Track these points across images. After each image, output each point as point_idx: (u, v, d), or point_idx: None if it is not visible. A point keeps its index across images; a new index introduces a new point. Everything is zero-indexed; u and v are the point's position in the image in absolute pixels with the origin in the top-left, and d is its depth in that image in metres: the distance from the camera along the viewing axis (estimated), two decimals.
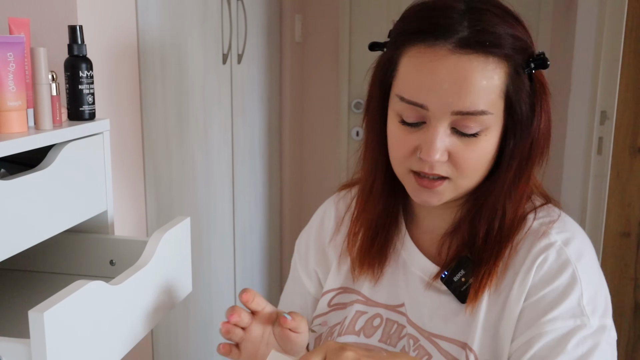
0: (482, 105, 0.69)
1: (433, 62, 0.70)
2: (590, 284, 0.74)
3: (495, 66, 0.70)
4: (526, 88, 0.73)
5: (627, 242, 2.25)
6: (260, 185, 2.18)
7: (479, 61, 0.69)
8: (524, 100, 0.72)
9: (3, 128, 0.82)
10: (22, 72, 0.84)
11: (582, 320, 0.71)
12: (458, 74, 0.69)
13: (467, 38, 0.69)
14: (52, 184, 0.86)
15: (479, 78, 0.69)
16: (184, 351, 1.64)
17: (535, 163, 0.76)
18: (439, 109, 0.70)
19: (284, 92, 2.38)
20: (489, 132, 0.72)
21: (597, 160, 2.22)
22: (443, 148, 0.71)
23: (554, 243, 0.75)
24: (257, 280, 2.21)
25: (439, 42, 0.69)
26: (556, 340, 0.70)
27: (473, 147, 0.72)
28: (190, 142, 1.61)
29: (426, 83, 0.70)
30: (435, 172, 0.73)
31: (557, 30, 2.34)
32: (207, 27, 1.66)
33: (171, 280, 0.94)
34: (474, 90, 0.69)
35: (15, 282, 1.02)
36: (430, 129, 0.71)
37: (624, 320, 2.29)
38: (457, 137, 0.72)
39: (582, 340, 0.70)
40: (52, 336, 0.63)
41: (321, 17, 2.55)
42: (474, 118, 0.70)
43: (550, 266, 0.74)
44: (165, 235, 0.91)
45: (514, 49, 0.70)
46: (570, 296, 0.72)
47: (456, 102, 0.69)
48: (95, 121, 0.98)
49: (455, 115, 0.70)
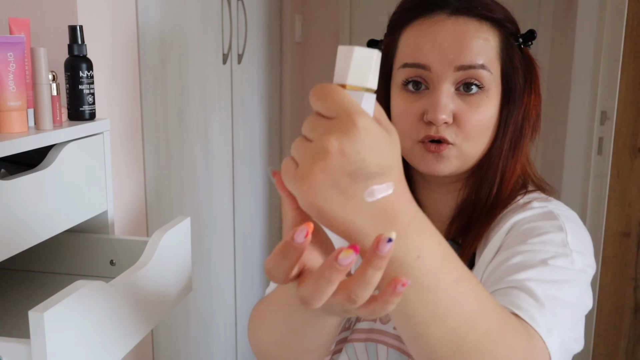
0: (480, 59, 0.74)
1: (432, 27, 0.75)
2: (578, 243, 0.72)
3: (489, 29, 0.75)
4: (518, 58, 0.78)
5: (627, 242, 2.25)
6: (260, 185, 2.18)
7: (474, 23, 0.75)
8: (516, 69, 0.77)
9: (3, 128, 0.82)
10: (23, 72, 0.84)
11: (566, 252, 0.70)
12: (457, 33, 0.74)
13: (460, 6, 0.75)
14: (52, 184, 0.86)
15: (476, 37, 0.74)
16: (184, 351, 1.64)
17: (527, 136, 0.80)
18: (441, 67, 0.73)
19: (284, 92, 2.38)
20: (489, 94, 0.75)
21: (597, 160, 2.21)
22: (449, 107, 0.74)
23: (535, 206, 0.78)
24: (257, 280, 2.21)
25: (435, 12, 0.76)
26: (538, 260, 0.68)
27: (475, 109, 0.75)
28: (191, 142, 1.61)
29: (427, 45, 0.74)
30: (440, 135, 0.74)
31: (557, 30, 2.34)
32: (207, 27, 1.66)
33: (171, 281, 0.94)
34: (473, 46, 0.74)
35: (15, 282, 1.02)
36: (435, 91, 0.74)
37: (624, 320, 2.29)
38: (460, 98, 0.75)
39: (567, 266, 0.68)
40: (52, 336, 0.63)
41: (321, 17, 2.55)
42: (475, 73, 0.74)
43: (535, 215, 0.76)
44: (165, 235, 0.91)
45: (504, 17, 0.77)
46: (556, 234, 0.72)
47: (457, 57, 0.73)
48: (96, 121, 0.98)
49: (458, 71, 0.73)
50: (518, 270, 0.67)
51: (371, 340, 0.84)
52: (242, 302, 2.07)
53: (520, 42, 0.79)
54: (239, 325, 2.05)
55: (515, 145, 0.79)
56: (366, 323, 0.85)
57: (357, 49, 0.43)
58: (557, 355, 0.61)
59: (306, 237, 0.41)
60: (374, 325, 0.84)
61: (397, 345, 0.83)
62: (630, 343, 2.31)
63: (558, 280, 0.67)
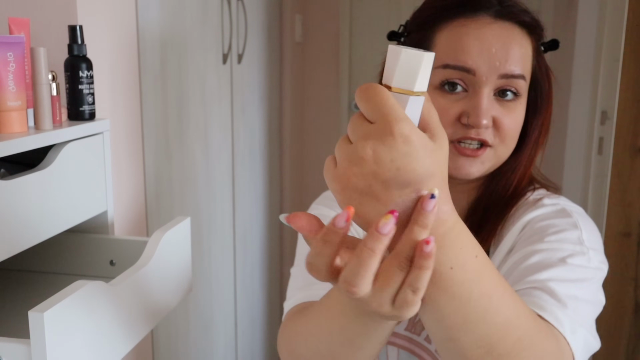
0: (523, 69, 0.75)
1: (479, 30, 0.74)
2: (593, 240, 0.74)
3: (527, 36, 0.76)
4: (544, 65, 0.80)
5: (628, 242, 2.25)
6: (260, 185, 2.18)
7: (516, 31, 0.75)
8: (543, 74, 0.80)
9: (3, 128, 0.82)
10: (22, 72, 0.84)
11: (583, 249, 0.71)
12: (504, 39, 0.74)
13: (502, 10, 0.75)
14: (52, 184, 0.86)
15: (519, 45, 0.74)
16: (184, 351, 1.64)
17: (542, 143, 0.82)
18: (486, 73, 0.73)
19: (284, 92, 2.38)
20: (522, 100, 0.76)
21: (597, 160, 2.21)
22: (490, 113, 0.74)
23: (547, 204, 0.79)
24: (257, 280, 2.21)
25: (480, 13, 0.75)
26: (557, 259, 0.69)
27: (512, 114, 0.75)
28: (190, 142, 1.61)
29: (475, 48, 0.74)
30: (481, 137, 0.75)
31: (557, 30, 2.34)
32: (207, 27, 1.66)
33: (171, 280, 0.94)
34: (517, 55, 0.74)
35: (15, 282, 1.02)
36: (477, 94, 0.74)
37: (624, 320, 2.29)
38: (498, 103, 0.75)
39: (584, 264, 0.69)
40: (52, 336, 0.63)
41: (321, 17, 2.55)
42: (515, 82, 0.74)
43: (549, 213, 0.77)
44: (165, 236, 0.91)
45: (537, 26, 0.78)
46: (571, 231, 0.73)
47: (503, 65, 0.73)
48: (95, 121, 0.98)
49: (501, 78, 0.74)
50: (538, 270, 0.67)
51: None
52: (242, 302, 2.06)
53: (544, 50, 0.80)
54: (239, 325, 2.05)
55: (534, 151, 0.82)
56: None
57: (405, 50, 0.42)
58: (580, 355, 0.62)
59: (347, 221, 0.41)
60: None
61: (407, 346, 0.83)
62: (630, 343, 2.31)
63: (577, 279, 0.67)
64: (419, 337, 0.83)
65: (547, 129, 0.82)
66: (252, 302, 2.16)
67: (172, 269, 0.95)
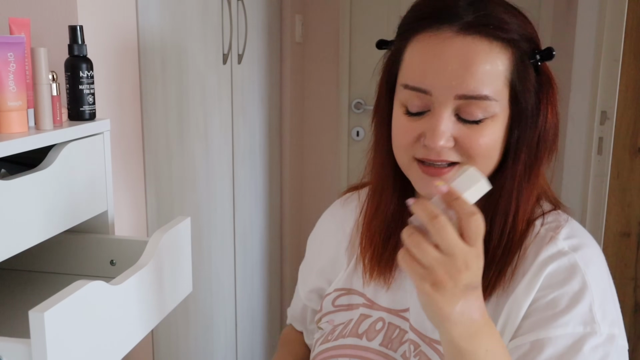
0: (485, 90, 0.69)
1: (438, 45, 0.70)
2: (600, 289, 0.73)
3: (500, 51, 0.69)
4: (531, 78, 0.72)
5: (627, 242, 2.25)
6: (260, 185, 2.18)
7: (484, 45, 0.69)
8: (528, 90, 0.72)
9: (3, 128, 0.82)
10: (23, 72, 0.84)
11: (593, 328, 0.70)
12: (463, 56, 0.68)
13: (472, 22, 0.69)
14: (53, 184, 0.86)
15: (483, 62, 0.68)
16: (184, 351, 1.64)
17: (544, 158, 0.75)
18: (442, 93, 0.69)
19: (284, 92, 2.38)
20: (494, 120, 0.71)
21: (597, 160, 2.21)
22: (448, 134, 0.70)
23: (562, 249, 0.74)
24: (257, 280, 2.21)
25: (444, 27, 0.70)
26: (567, 347, 0.69)
27: (479, 133, 0.70)
28: (191, 142, 1.61)
29: (432, 67, 0.70)
30: (442, 158, 0.71)
31: (557, 30, 2.34)
32: (208, 27, 1.66)
33: (171, 280, 0.94)
34: (478, 73, 0.68)
35: (15, 282, 1.02)
36: (434, 115, 0.70)
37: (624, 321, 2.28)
38: (461, 123, 0.70)
39: (594, 349, 0.69)
40: (52, 336, 0.63)
41: (321, 17, 2.55)
42: (478, 103, 0.69)
43: (559, 272, 0.73)
44: (165, 235, 0.91)
45: (519, 35, 0.71)
46: (581, 302, 0.71)
47: (460, 85, 0.68)
48: (96, 121, 0.98)
49: (459, 99, 0.69)
50: None
51: (354, 356, 0.83)
52: (242, 302, 2.07)
53: (537, 60, 0.73)
54: (239, 325, 2.05)
55: (530, 169, 0.74)
56: (350, 339, 0.84)
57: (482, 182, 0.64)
58: None
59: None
60: (359, 342, 0.83)
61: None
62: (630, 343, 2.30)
63: None
64: (396, 354, 0.81)
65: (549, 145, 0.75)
66: (252, 302, 2.16)
67: (172, 269, 0.95)
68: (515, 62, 0.71)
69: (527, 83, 0.72)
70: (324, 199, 2.71)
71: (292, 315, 1.05)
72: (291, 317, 1.06)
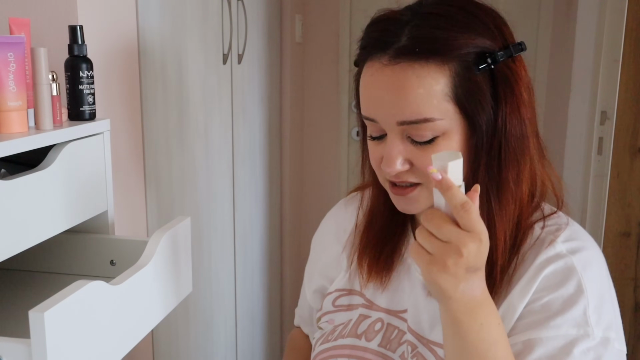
0: (425, 112, 0.69)
1: (372, 77, 0.72)
2: (597, 294, 0.72)
3: (435, 71, 0.68)
4: (481, 88, 0.70)
5: (627, 242, 2.25)
6: (260, 185, 2.18)
7: (414, 69, 0.68)
8: (477, 101, 0.70)
9: (3, 128, 0.82)
10: (23, 72, 0.84)
11: (586, 331, 0.70)
12: (393, 85, 0.69)
13: (402, 47, 0.69)
14: (53, 184, 0.86)
15: (415, 86, 0.68)
16: (184, 351, 1.64)
17: (510, 165, 0.72)
18: (385, 122, 0.72)
19: (284, 92, 2.38)
20: (447, 136, 0.70)
21: (597, 160, 2.22)
22: (401, 158, 0.72)
23: (560, 252, 0.73)
24: (257, 280, 2.21)
25: (377, 56, 0.71)
26: (558, 349, 0.69)
27: (432, 152, 0.69)
28: (191, 142, 1.61)
29: (372, 98, 0.73)
30: (403, 179, 0.74)
31: (557, 30, 2.34)
32: (207, 27, 1.66)
33: (171, 280, 0.94)
34: (412, 99, 0.69)
35: (15, 282, 1.02)
36: (387, 141, 0.73)
37: (624, 321, 2.29)
38: (413, 145, 0.72)
39: (584, 352, 0.69)
40: (52, 336, 0.63)
41: (321, 17, 2.55)
42: (422, 126, 0.70)
43: (556, 274, 0.72)
44: (165, 235, 0.91)
45: (459, 49, 0.68)
46: (576, 305, 0.71)
47: (397, 112, 0.70)
48: (96, 121, 0.98)
49: (402, 125, 0.71)
50: None
51: (353, 356, 0.83)
52: (242, 302, 2.07)
53: (488, 64, 0.70)
54: (239, 325, 2.05)
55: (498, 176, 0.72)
56: (349, 339, 0.85)
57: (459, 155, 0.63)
58: None
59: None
60: (357, 342, 0.84)
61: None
62: (630, 343, 2.31)
63: None
64: (394, 354, 0.81)
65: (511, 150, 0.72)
66: (252, 302, 2.16)
67: (172, 269, 0.95)
68: (456, 76, 0.69)
69: (475, 94, 0.70)
70: (324, 199, 2.71)
71: (300, 316, 1.05)
72: (299, 318, 1.06)
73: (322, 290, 0.95)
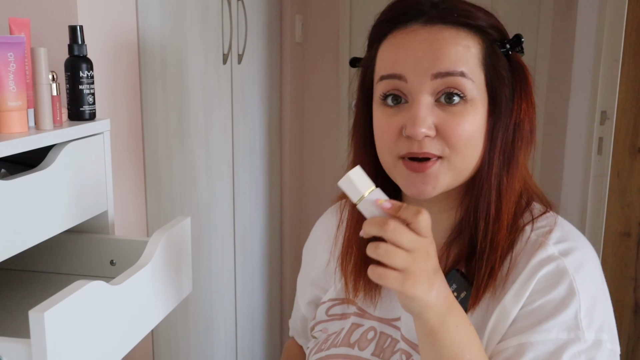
0: (462, 66, 0.70)
1: (406, 38, 0.72)
2: (589, 295, 0.72)
3: (468, 36, 0.71)
4: (503, 64, 0.73)
5: (627, 242, 2.25)
6: (260, 185, 2.18)
7: (451, 32, 0.71)
8: (502, 77, 0.73)
9: (3, 128, 0.82)
10: (23, 72, 0.84)
11: (577, 334, 0.69)
12: (431, 42, 0.70)
13: (435, 15, 0.72)
14: (53, 184, 0.86)
15: (454, 44, 0.70)
16: (184, 351, 1.64)
17: (521, 148, 0.74)
18: (417, 77, 0.70)
19: (284, 92, 2.38)
20: (474, 106, 0.71)
21: (597, 160, 2.22)
22: (429, 120, 0.70)
23: (552, 255, 0.73)
24: (257, 280, 2.21)
25: (411, 23, 0.72)
26: (548, 353, 0.69)
27: (460, 119, 0.70)
28: (191, 142, 1.61)
29: (401, 55, 0.72)
30: (425, 151, 0.70)
31: (557, 30, 2.34)
32: (207, 27, 1.66)
33: (171, 280, 0.94)
34: (450, 53, 0.70)
35: (15, 282, 1.02)
36: (412, 104, 0.71)
37: (624, 320, 2.29)
38: (441, 109, 0.70)
39: (574, 356, 0.68)
40: (52, 336, 0.63)
41: (321, 17, 2.55)
42: (455, 81, 0.69)
43: (548, 277, 0.72)
44: (165, 236, 0.91)
45: (486, 24, 0.72)
46: (567, 309, 0.70)
47: (433, 64, 0.69)
48: (96, 121, 0.98)
49: (435, 79, 0.69)
50: None
51: None
52: (242, 302, 2.07)
53: (507, 49, 0.73)
54: (239, 325, 2.05)
55: (508, 158, 0.74)
56: (342, 349, 0.84)
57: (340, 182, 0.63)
58: None
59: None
60: (350, 352, 0.83)
61: None
62: (630, 343, 2.31)
63: None
64: None
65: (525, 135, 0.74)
66: (252, 302, 2.16)
67: (173, 269, 0.95)
68: (487, 47, 0.72)
69: (500, 69, 0.73)
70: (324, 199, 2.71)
71: (293, 328, 1.04)
72: (293, 330, 1.05)
73: (316, 300, 0.94)
